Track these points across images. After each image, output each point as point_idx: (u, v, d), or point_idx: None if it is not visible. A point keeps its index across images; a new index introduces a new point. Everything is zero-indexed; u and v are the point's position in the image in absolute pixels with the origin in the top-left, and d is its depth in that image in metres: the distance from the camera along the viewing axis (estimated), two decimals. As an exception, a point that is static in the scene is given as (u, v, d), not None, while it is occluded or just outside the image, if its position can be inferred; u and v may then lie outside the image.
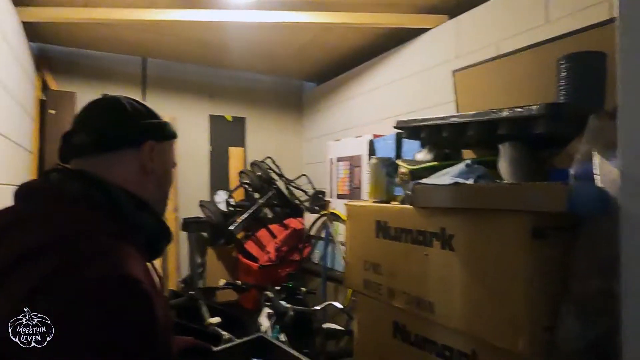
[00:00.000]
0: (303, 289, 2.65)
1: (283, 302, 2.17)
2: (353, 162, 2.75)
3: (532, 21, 1.79)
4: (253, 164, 3.40)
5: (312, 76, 3.74)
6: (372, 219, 1.22)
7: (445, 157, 1.47)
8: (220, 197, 3.24)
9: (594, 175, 0.72)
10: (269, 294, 2.14)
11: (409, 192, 1.02)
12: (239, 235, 3.21)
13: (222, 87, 3.59)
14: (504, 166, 0.91)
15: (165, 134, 0.87)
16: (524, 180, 0.88)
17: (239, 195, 3.46)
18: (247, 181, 3.30)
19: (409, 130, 1.39)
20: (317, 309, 2.34)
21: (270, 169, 3.38)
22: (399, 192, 1.33)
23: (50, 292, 0.56)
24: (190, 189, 3.38)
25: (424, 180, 1.02)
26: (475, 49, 2.06)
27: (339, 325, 2.41)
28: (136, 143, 0.80)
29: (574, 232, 0.81)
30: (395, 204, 1.24)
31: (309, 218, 3.12)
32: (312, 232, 3.03)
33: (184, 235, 3.23)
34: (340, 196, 2.88)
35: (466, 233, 0.92)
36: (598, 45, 1.14)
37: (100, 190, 0.73)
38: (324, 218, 2.90)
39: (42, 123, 2.71)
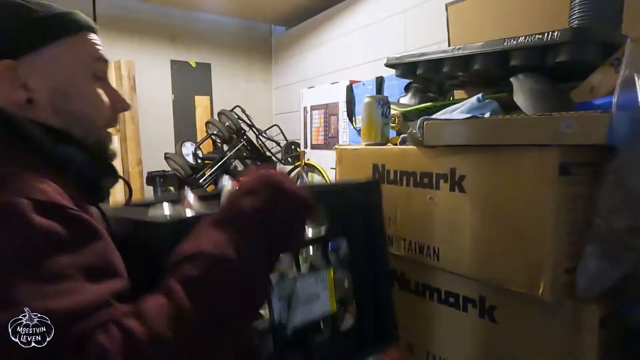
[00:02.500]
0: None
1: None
2: (329, 111, 2.63)
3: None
4: (220, 113, 3.20)
5: (281, 19, 3.50)
6: (368, 163, 1.13)
7: (431, 101, 1.39)
8: (187, 149, 3.05)
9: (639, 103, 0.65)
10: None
11: (415, 131, 0.92)
12: (209, 189, 3.07)
13: (185, 30, 3.30)
14: (522, 99, 0.83)
15: (31, 40, 0.60)
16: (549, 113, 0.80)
17: (207, 147, 3.28)
18: (215, 132, 3.11)
19: (402, 67, 1.27)
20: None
21: (240, 118, 3.20)
22: (393, 134, 1.24)
23: None
24: (153, 141, 3.16)
25: (435, 116, 0.93)
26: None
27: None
28: None
29: (599, 167, 0.75)
30: (391, 146, 1.15)
31: (281, 170, 3.01)
32: (286, 184, 2.93)
33: (149, 190, 3.05)
34: (314, 146, 2.77)
35: (480, 172, 0.85)
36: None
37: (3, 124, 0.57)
38: (299, 169, 2.80)
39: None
